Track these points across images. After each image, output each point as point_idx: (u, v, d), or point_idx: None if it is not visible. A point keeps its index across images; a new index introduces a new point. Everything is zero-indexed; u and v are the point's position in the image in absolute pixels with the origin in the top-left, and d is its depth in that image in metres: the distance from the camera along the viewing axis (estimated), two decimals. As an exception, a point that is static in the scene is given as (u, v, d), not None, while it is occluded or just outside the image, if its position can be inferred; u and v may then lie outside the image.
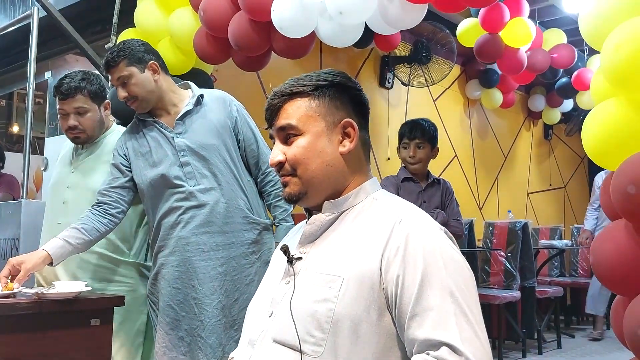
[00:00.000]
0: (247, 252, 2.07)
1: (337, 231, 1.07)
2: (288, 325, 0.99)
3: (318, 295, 0.99)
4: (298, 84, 1.11)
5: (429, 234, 0.99)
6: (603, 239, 1.84)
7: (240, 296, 2.05)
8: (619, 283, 1.78)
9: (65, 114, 2.21)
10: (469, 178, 5.77)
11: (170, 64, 3.18)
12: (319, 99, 1.10)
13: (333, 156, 1.09)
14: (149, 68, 2.06)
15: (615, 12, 1.82)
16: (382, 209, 1.06)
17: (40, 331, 1.79)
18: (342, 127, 1.10)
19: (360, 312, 0.95)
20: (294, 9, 2.52)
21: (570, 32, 5.02)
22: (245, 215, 2.08)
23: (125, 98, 2.05)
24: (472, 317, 0.92)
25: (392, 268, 0.95)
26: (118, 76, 2.04)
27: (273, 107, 1.12)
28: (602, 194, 1.93)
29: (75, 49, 3.80)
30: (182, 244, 2.04)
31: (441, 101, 5.50)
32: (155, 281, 2.12)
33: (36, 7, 3.25)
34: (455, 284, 0.94)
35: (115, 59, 2.04)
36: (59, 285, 1.94)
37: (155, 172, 2.07)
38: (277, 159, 1.10)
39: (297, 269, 1.06)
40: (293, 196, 1.11)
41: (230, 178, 2.07)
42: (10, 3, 4.23)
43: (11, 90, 5.52)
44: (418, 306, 0.92)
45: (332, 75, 1.12)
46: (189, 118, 2.08)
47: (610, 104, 1.83)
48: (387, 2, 2.43)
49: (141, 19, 3.20)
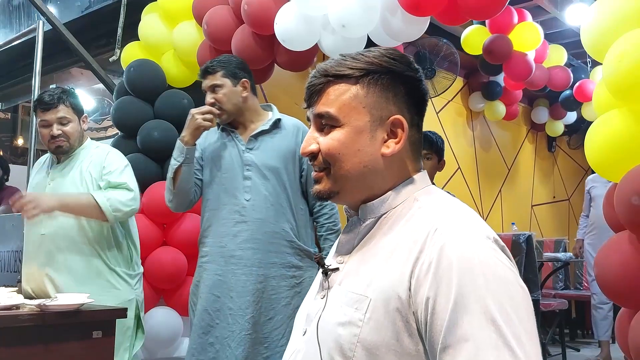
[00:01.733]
0: (288, 275, 2.12)
1: (374, 240, 0.92)
2: (314, 347, 0.88)
3: (343, 317, 0.85)
4: (347, 64, 0.92)
5: (469, 244, 0.80)
6: (607, 250, 1.84)
7: (276, 315, 2.09)
8: (623, 295, 1.77)
9: (47, 125, 2.26)
10: (472, 190, 5.76)
11: (173, 76, 3.22)
12: (368, 87, 0.91)
13: (373, 157, 0.91)
14: (241, 84, 2.17)
15: (616, 24, 1.83)
16: (421, 214, 0.89)
17: (42, 343, 1.79)
18: (390, 124, 0.92)
19: (388, 339, 0.81)
20: (297, 22, 2.54)
21: (573, 45, 5.03)
22: (291, 239, 2.14)
23: (211, 104, 2.15)
24: (518, 350, 0.73)
25: (422, 289, 0.79)
26: (212, 83, 2.15)
27: (314, 88, 0.94)
28: (605, 205, 1.92)
29: (80, 62, 3.84)
30: (228, 255, 2.11)
31: (444, 113, 5.51)
32: (198, 284, 2.19)
33: (42, 20, 3.28)
34: (499, 307, 0.75)
35: (214, 68, 2.16)
36: (61, 297, 1.94)
37: (218, 179, 2.16)
38: (309, 148, 0.94)
39: (332, 282, 0.93)
40: (323, 194, 0.95)
41: (284, 201, 2.14)
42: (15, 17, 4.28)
43: (16, 103, 5.56)
44: (451, 336, 0.75)
45: (389, 58, 0.92)
46: (262, 137, 2.18)
47: (613, 116, 1.84)
48: (390, 16, 2.45)
49: (145, 33, 3.23)
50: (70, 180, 2.28)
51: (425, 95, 0.97)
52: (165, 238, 3.10)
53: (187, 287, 3.08)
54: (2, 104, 5.42)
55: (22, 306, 1.88)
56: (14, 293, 2.05)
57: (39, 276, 2.21)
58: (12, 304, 1.83)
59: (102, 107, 4.92)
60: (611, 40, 1.81)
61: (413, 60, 0.96)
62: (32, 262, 2.25)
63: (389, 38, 2.60)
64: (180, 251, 3.07)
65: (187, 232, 3.06)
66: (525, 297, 0.79)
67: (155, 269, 2.93)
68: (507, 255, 0.83)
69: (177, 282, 3.07)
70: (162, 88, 3.19)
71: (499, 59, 4.47)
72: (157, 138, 3.07)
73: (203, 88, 2.19)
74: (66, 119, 2.27)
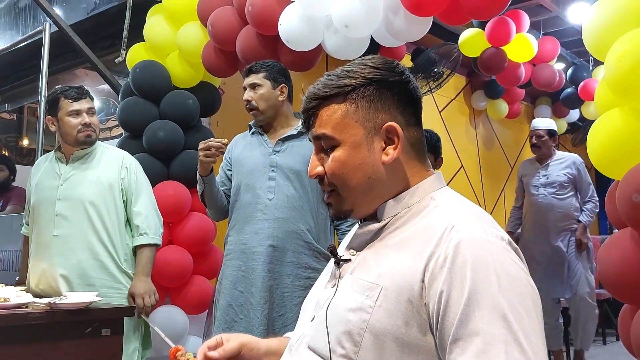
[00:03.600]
0: (303, 276, 2.18)
1: (388, 235, 0.94)
2: (322, 332, 0.91)
3: (354, 303, 0.88)
4: (331, 84, 0.96)
5: (484, 243, 0.83)
6: (609, 247, 1.85)
7: (287, 313, 2.14)
8: (625, 291, 1.78)
9: (78, 113, 2.30)
10: (475, 189, 5.78)
11: (178, 77, 3.24)
12: (356, 102, 0.95)
13: (375, 167, 0.94)
14: (279, 89, 2.27)
15: (618, 22, 1.84)
16: (437, 211, 0.92)
17: (51, 341, 1.81)
18: (385, 132, 0.95)
19: (398, 327, 0.84)
20: (301, 23, 2.56)
21: (575, 43, 5.03)
22: (309, 240, 2.20)
23: (247, 101, 2.27)
24: (527, 346, 0.76)
25: (436, 282, 0.82)
26: (252, 82, 2.26)
27: (308, 112, 1.00)
28: (607, 202, 1.94)
29: (86, 63, 3.86)
30: (249, 252, 2.18)
31: (447, 112, 5.53)
32: (221, 281, 2.26)
33: (48, 22, 3.31)
34: (510, 304, 0.78)
35: (258, 68, 2.28)
36: (70, 295, 1.97)
37: (246, 180, 2.25)
38: (315, 170, 0.99)
39: (343, 272, 0.96)
40: (340, 214, 0.99)
41: (305, 204, 2.22)
42: (22, 19, 4.31)
43: (21, 104, 5.59)
44: (462, 329, 0.78)
45: (371, 69, 0.95)
46: (289, 142, 2.27)
47: (615, 114, 1.85)
48: (392, 16, 2.47)
49: (151, 34, 3.25)
50: (87, 183, 2.30)
51: (415, 93, 0.99)
52: (171, 237, 3.12)
53: (192, 285, 3.11)
54: (8, 105, 5.46)
55: (32, 305, 1.90)
56: (23, 292, 2.08)
57: (51, 277, 2.23)
58: (22, 302, 1.85)
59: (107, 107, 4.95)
60: (613, 39, 1.83)
61: (397, 63, 0.98)
62: (42, 263, 2.26)
63: (391, 38, 2.62)
64: (186, 250, 3.09)
65: (193, 231, 3.09)
66: (535, 297, 0.82)
67: (161, 267, 2.95)
68: (520, 257, 0.86)
69: (182, 281, 3.09)
70: (168, 89, 3.22)
71: (493, 72, 4.65)
72: (162, 138, 3.09)
73: (244, 85, 2.29)
74: (92, 110, 2.34)
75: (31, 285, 2.29)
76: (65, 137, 2.32)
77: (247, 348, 1.06)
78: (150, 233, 2.34)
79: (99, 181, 2.30)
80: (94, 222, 2.25)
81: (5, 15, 4.47)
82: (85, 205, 2.26)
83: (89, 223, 2.25)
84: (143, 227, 2.33)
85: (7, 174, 4.20)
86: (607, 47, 1.84)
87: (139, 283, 2.28)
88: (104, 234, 2.26)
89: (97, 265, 2.24)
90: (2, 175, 4.16)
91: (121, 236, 2.32)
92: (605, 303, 5.23)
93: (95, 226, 2.25)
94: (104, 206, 2.28)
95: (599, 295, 5.09)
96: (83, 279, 2.22)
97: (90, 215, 2.25)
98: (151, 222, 2.36)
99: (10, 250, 3.22)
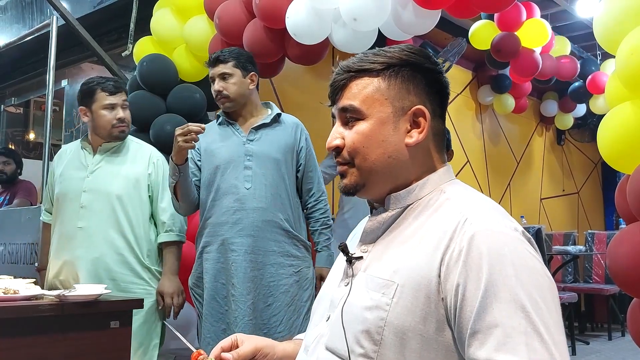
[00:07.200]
0: (286, 264, 2.17)
1: (400, 229, 0.94)
2: (339, 332, 0.89)
3: (370, 301, 0.87)
4: (368, 59, 0.96)
5: (499, 234, 0.82)
6: (619, 241, 1.85)
7: (274, 302, 2.14)
8: (635, 286, 1.78)
9: (114, 107, 2.28)
10: (481, 183, 5.77)
11: (185, 70, 3.24)
12: (389, 80, 0.95)
13: (397, 147, 0.94)
14: (249, 77, 2.24)
15: (629, 16, 1.83)
16: (449, 205, 0.91)
17: (61, 333, 1.82)
18: (412, 115, 0.95)
19: (416, 323, 0.83)
20: (308, 16, 2.55)
21: (583, 37, 5.00)
22: (287, 229, 2.19)
23: (218, 92, 2.22)
24: (547, 337, 0.75)
25: (452, 275, 0.81)
26: (222, 71, 2.21)
27: (337, 84, 0.98)
28: (617, 196, 1.93)
29: (92, 57, 3.87)
30: (228, 243, 2.15)
31: (453, 106, 5.51)
32: (200, 275, 2.24)
33: (55, 16, 3.31)
34: (528, 295, 0.77)
35: (226, 57, 2.22)
36: (79, 287, 1.98)
37: (220, 170, 2.20)
38: (334, 142, 0.97)
39: (356, 270, 0.95)
40: (350, 188, 0.97)
41: (282, 192, 2.20)
42: (28, 12, 4.31)
43: (28, 98, 5.60)
44: (480, 321, 0.77)
45: (408, 52, 0.96)
46: (263, 130, 2.24)
47: (626, 108, 1.84)
48: (401, 9, 2.46)
49: (157, 27, 3.25)
50: (114, 176, 2.28)
51: (446, 86, 0.99)
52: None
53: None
54: (15, 98, 5.47)
55: (42, 297, 1.91)
56: (31, 284, 2.09)
57: (73, 269, 2.22)
58: (32, 295, 1.86)
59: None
60: (624, 33, 1.82)
61: (432, 54, 0.98)
62: (64, 254, 2.25)
63: (399, 31, 2.61)
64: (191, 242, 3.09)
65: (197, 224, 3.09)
66: (552, 288, 0.81)
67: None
68: (534, 247, 0.85)
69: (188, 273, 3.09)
70: (174, 82, 3.22)
71: (507, 57, 4.49)
72: (169, 132, 3.08)
73: (211, 75, 2.24)
74: (126, 105, 2.33)
75: (49, 276, 2.29)
76: (98, 130, 2.30)
77: (262, 353, 1.05)
78: (176, 230, 2.33)
79: (126, 175, 2.28)
80: (118, 216, 2.24)
81: (12, 9, 4.48)
82: (111, 198, 2.24)
83: (114, 217, 2.23)
84: (169, 224, 2.32)
85: (14, 167, 4.21)
86: (618, 41, 1.83)
87: (168, 282, 2.28)
88: (127, 228, 2.25)
89: (119, 260, 2.23)
90: (9, 169, 4.18)
91: (145, 232, 2.30)
92: (611, 298, 5.22)
93: (120, 220, 2.24)
94: (130, 201, 2.27)
95: (605, 290, 5.11)
96: (105, 272, 2.21)
97: (116, 209, 2.24)
98: (177, 219, 2.34)
99: (18, 243, 3.23)
